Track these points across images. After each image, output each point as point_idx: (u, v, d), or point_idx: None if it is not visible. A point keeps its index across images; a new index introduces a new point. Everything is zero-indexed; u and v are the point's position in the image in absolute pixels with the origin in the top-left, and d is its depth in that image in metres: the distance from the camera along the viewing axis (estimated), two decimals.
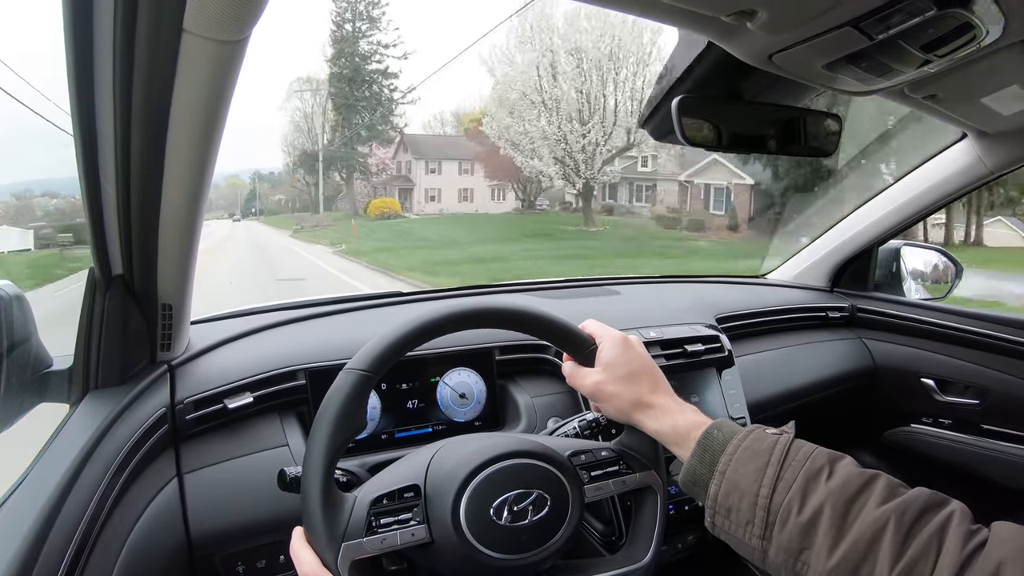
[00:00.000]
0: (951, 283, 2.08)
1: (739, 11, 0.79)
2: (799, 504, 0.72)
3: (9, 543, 0.70)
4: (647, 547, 0.94)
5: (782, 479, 0.75)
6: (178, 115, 0.77)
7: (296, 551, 0.78)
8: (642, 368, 0.94)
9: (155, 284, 1.01)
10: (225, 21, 0.66)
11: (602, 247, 22.08)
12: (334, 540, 0.77)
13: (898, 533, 0.66)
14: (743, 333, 1.80)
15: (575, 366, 0.98)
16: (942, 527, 0.66)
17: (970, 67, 1.06)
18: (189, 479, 1.05)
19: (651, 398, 0.91)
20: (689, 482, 0.83)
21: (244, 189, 60.21)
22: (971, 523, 0.67)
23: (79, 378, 0.99)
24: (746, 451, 0.79)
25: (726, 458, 0.80)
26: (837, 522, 0.69)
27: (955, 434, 1.91)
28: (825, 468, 0.74)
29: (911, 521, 0.67)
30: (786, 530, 0.72)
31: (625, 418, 0.93)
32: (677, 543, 1.37)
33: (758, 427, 0.83)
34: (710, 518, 0.80)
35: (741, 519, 0.76)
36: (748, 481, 0.76)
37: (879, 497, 0.70)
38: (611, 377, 0.93)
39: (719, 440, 0.82)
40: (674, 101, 1.01)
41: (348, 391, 0.82)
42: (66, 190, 26.00)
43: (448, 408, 1.32)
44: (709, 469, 0.81)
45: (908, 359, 1.98)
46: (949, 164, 1.77)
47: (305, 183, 44.95)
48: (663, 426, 0.89)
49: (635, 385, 0.92)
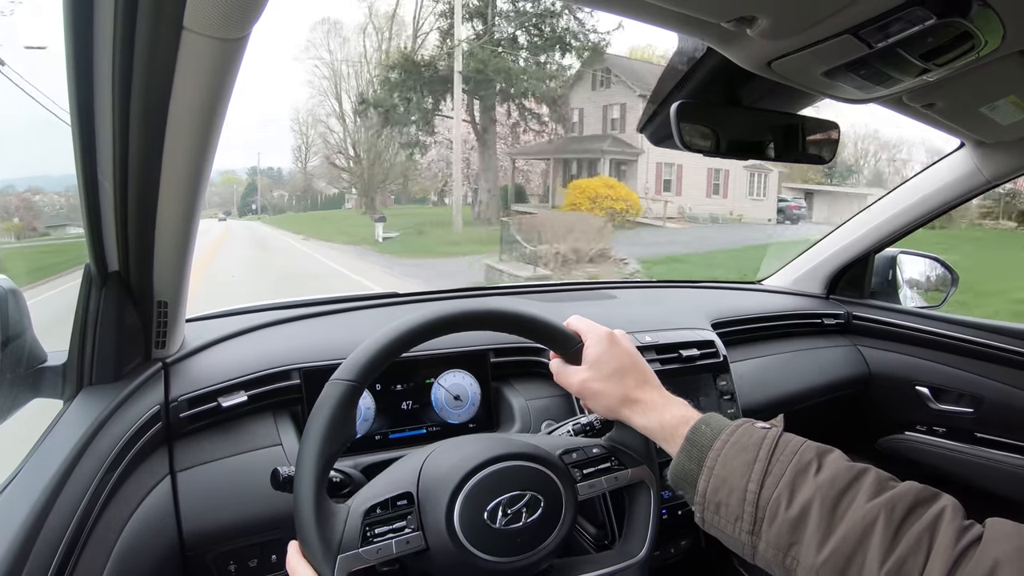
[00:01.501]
0: (947, 292, 2.08)
1: (739, 17, 0.79)
2: (788, 499, 0.72)
3: (0, 538, 0.70)
4: (642, 542, 0.94)
5: (770, 474, 0.74)
6: (177, 112, 0.76)
7: (292, 566, 0.78)
8: (628, 363, 0.93)
9: (151, 281, 1.01)
10: (226, 19, 0.66)
11: None
12: (330, 553, 0.76)
13: (888, 528, 0.65)
14: (738, 339, 1.80)
15: (562, 364, 0.98)
16: (934, 522, 0.65)
17: (969, 76, 1.07)
18: (182, 477, 1.05)
19: (637, 393, 0.91)
20: (678, 478, 0.83)
21: (240, 185, 57.31)
22: (963, 519, 0.66)
23: (73, 374, 0.99)
24: (734, 446, 0.78)
25: (714, 453, 0.79)
26: (826, 517, 0.69)
27: (949, 442, 1.91)
28: (814, 462, 0.74)
29: (901, 516, 0.66)
30: (775, 525, 0.72)
31: (613, 415, 0.93)
32: (670, 548, 1.37)
33: (747, 421, 0.82)
34: (699, 513, 0.80)
35: (730, 514, 0.76)
36: (736, 476, 0.76)
37: (869, 491, 0.69)
38: (597, 375, 0.92)
39: (707, 435, 0.81)
40: (673, 106, 1.02)
41: (335, 403, 0.81)
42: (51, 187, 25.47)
43: (442, 410, 1.32)
44: (697, 465, 0.80)
45: (903, 367, 1.98)
46: (947, 173, 1.78)
47: (354, 160, 39.09)
48: (650, 422, 0.89)
49: (622, 381, 0.91)
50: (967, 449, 1.87)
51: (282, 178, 55.58)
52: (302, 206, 51.16)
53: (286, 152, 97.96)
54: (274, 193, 56.02)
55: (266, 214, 52.91)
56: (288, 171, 55.34)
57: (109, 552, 0.87)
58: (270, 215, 52.16)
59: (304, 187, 51.51)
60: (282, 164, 59.04)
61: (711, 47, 0.93)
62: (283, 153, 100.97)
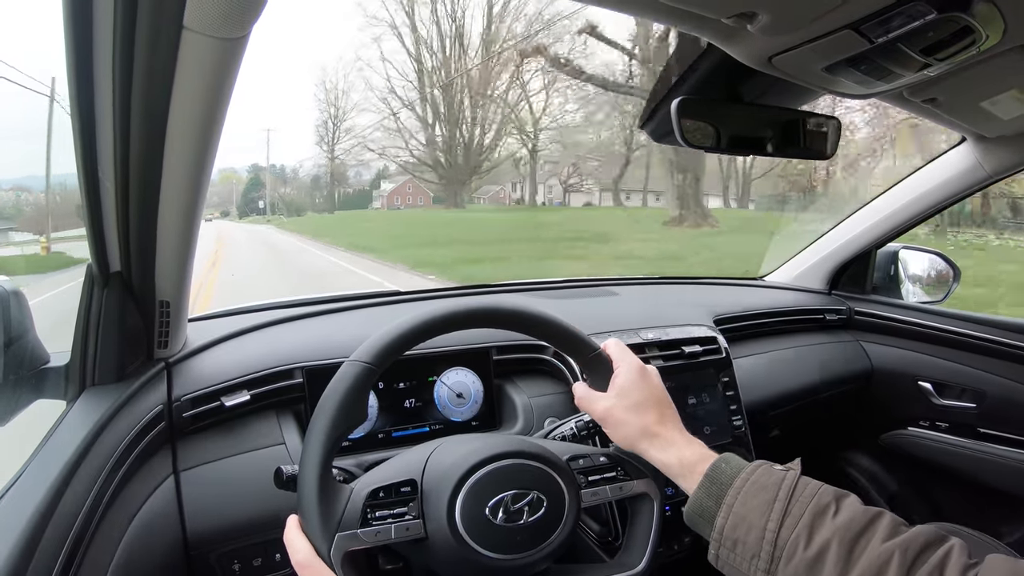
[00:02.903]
0: (949, 286, 2.08)
1: (739, 13, 0.79)
2: (806, 539, 0.73)
3: (5, 539, 0.70)
4: (642, 554, 0.94)
5: (790, 514, 0.76)
6: (177, 112, 0.76)
7: (290, 539, 0.79)
8: (654, 398, 0.94)
9: (153, 281, 1.01)
10: (226, 18, 0.66)
11: None
12: (328, 529, 0.77)
13: (902, 568, 0.68)
14: (741, 335, 1.80)
15: (587, 389, 0.98)
16: (942, 561, 0.68)
17: (970, 71, 1.07)
18: (185, 476, 1.05)
19: (658, 428, 0.91)
20: (695, 514, 0.84)
21: (240, 183, 49.00)
22: (968, 558, 0.69)
23: (76, 375, 0.99)
24: (754, 485, 0.80)
25: (734, 492, 0.80)
26: (844, 557, 0.71)
27: (951, 437, 1.91)
28: (832, 505, 0.76)
29: (913, 557, 0.69)
30: (792, 564, 0.73)
31: (631, 446, 0.93)
32: (673, 544, 1.37)
33: (764, 463, 0.83)
34: (715, 551, 0.81)
35: (747, 552, 0.77)
36: (756, 515, 0.77)
37: (883, 534, 0.72)
38: (622, 404, 0.93)
39: (727, 473, 0.83)
40: (673, 102, 1.02)
41: (351, 382, 0.82)
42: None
43: (445, 407, 1.32)
44: (716, 502, 0.81)
45: (905, 362, 1.98)
46: (948, 168, 1.77)
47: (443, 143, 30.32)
48: (669, 457, 0.89)
49: (644, 414, 0.92)
50: (970, 444, 1.87)
51: (285, 175, 46.83)
52: (325, 204, 41.16)
53: (285, 151, 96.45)
54: (279, 191, 46.68)
55: (279, 215, 43.11)
56: (291, 167, 46.39)
57: (113, 552, 0.87)
58: (285, 216, 42.00)
59: (336, 175, 39.99)
60: (284, 162, 51.29)
61: (712, 43, 0.93)
62: (282, 152, 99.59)
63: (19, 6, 44.13)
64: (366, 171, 40.42)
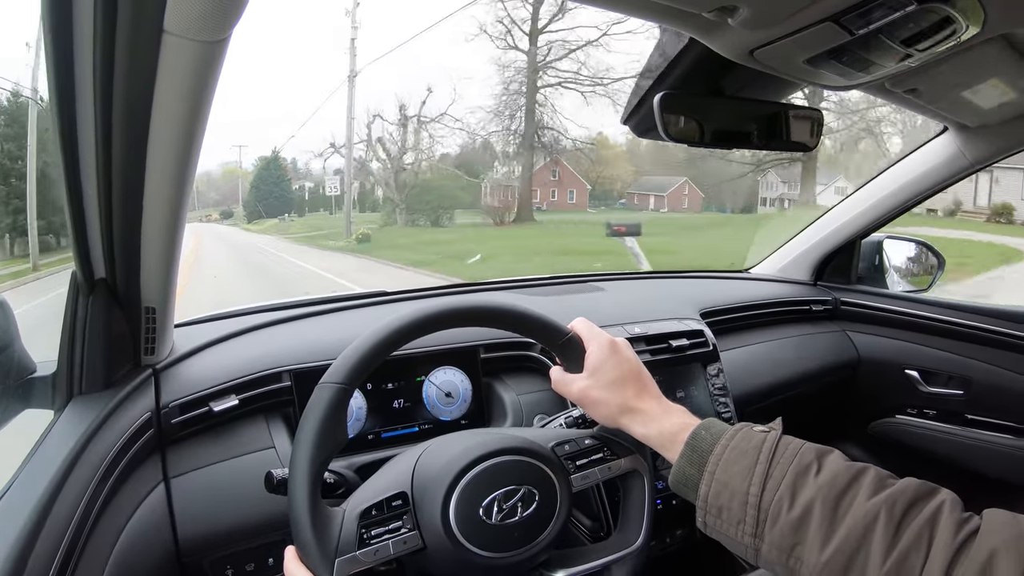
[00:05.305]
0: (934, 275, 2.10)
1: (720, 7, 0.79)
2: (789, 500, 0.73)
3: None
4: (638, 531, 0.95)
5: (771, 476, 0.75)
6: (159, 116, 0.76)
7: (291, 572, 0.78)
8: (629, 372, 0.94)
9: (138, 287, 1.00)
10: (206, 21, 0.66)
11: None
12: (327, 557, 0.76)
13: (889, 524, 0.67)
14: (727, 327, 1.81)
15: (561, 372, 0.98)
16: (933, 517, 0.66)
17: (950, 61, 1.07)
18: (176, 483, 1.05)
19: (637, 403, 0.91)
20: (679, 483, 0.83)
21: (246, 178, 40.09)
22: (962, 511, 0.67)
23: (63, 384, 0.98)
24: (734, 450, 0.79)
25: (715, 458, 0.80)
26: (828, 516, 0.70)
27: (940, 424, 1.93)
28: (814, 464, 0.75)
29: (901, 512, 0.67)
30: (777, 527, 0.73)
31: (612, 423, 0.93)
32: (665, 537, 1.38)
33: (745, 425, 0.83)
34: (701, 518, 0.81)
35: (732, 518, 0.77)
36: (738, 480, 0.77)
37: (869, 490, 0.71)
38: (597, 383, 0.93)
39: (707, 440, 0.82)
40: (656, 97, 1.02)
41: (324, 407, 0.81)
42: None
43: (434, 407, 1.32)
44: (698, 470, 0.81)
45: (892, 351, 2.00)
46: (931, 157, 1.79)
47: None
48: (650, 431, 0.89)
49: (621, 390, 0.92)
50: (958, 431, 1.89)
51: (297, 169, 37.41)
52: (407, 216, 26.35)
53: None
54: (296, 185, 37.07)
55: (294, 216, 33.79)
56: (305, 160, 36.23)
57: (105, 561, 0.86)
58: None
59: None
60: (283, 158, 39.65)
61: (693, 37, 0.94)
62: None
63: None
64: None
